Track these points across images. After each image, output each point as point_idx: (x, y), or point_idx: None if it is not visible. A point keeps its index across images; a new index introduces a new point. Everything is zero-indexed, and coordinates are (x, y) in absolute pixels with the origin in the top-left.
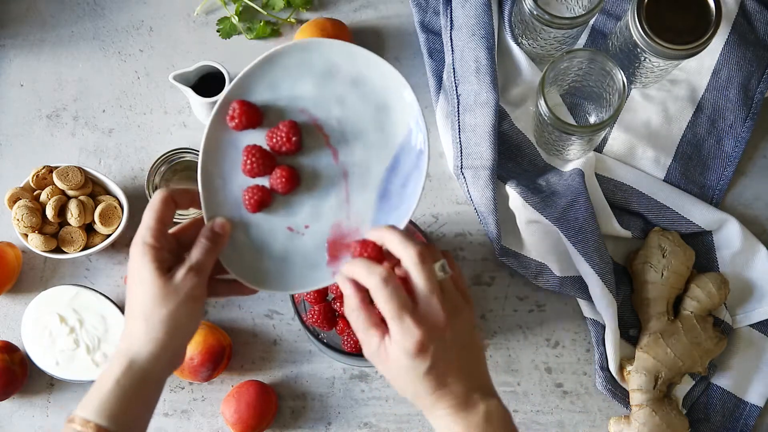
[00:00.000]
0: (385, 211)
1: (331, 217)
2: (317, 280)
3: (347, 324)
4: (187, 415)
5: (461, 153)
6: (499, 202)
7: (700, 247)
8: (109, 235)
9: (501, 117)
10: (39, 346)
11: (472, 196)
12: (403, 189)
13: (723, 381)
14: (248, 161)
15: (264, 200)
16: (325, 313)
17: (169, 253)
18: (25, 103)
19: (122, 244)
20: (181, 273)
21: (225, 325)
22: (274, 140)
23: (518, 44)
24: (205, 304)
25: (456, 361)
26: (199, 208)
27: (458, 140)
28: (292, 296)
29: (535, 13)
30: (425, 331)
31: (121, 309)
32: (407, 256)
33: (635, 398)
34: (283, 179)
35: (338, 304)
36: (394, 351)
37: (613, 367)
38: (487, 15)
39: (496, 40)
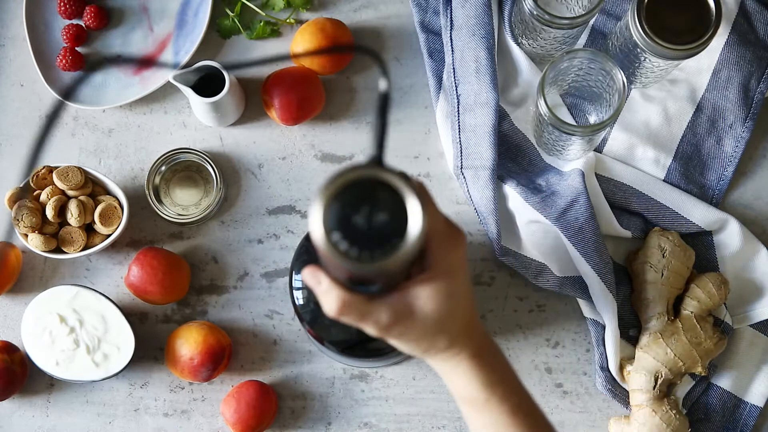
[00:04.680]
0: (182, 36)
1: (138, 45)
2: (129, 96)
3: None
4: (187, 415)
5: (461, 153)
6: (499, 202)
7: (700, 247)
8: (109, 235)
9: (501, 117)
10: (39, 346)
11: (472, 196)
12: (195, 17)
13: (723, 381)
14: (61, 3)
15: (79, 35)
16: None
17: None
18: (25, 103)
19: (122, 244)
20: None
21: (225, 325)
22: None
23: (518, 44)
24: None
25: None
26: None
27: (458, 140)
28: (292, 296)
29: (535, 13)
30: None
31: (121, 309)
32: None
33: (635, 398)
34: (93, 14)
35: None
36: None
37: (613, 367)
38: (487, 15)
39: (496, 40)
